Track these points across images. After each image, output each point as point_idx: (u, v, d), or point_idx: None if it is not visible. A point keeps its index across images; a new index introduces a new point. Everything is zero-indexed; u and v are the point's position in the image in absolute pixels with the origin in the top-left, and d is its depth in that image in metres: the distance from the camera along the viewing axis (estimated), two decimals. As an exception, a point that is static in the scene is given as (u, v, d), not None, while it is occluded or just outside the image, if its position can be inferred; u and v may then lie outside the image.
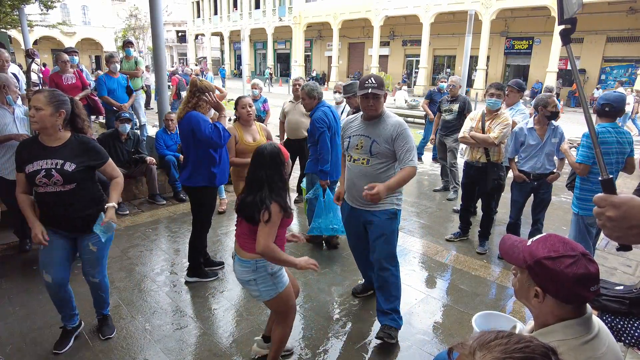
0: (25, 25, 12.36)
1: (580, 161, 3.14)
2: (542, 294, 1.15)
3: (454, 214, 5.31)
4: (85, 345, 2.75)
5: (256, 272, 2.24)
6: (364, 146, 2.76)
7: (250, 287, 2.30)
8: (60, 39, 34.99)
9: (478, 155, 4.16)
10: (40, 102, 2.34)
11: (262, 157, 2.23)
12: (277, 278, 2.29)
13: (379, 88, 2.65)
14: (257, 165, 2.24)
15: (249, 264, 2.24)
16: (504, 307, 3.39)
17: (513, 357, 0.79)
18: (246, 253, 2.25)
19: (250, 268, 2.24)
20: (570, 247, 1.14)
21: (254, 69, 38.73)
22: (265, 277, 2.25)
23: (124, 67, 7.27)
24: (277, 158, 2.23)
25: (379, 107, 2.72)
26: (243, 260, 2.26)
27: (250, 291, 2.36)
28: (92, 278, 2.72)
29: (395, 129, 2.69)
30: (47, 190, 2.42)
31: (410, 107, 15.82)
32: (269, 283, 2.26)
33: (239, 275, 2.32)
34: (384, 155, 2.73)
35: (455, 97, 5.80)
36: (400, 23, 27.03)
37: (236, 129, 3.76)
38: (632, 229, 0.91)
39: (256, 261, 2.23)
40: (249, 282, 2.28)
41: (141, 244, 4.34)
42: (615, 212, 0.92)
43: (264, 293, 2.28)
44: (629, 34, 19.23)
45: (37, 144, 2.44)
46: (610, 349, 1.13)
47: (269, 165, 2.21)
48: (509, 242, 1.30)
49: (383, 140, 2.70)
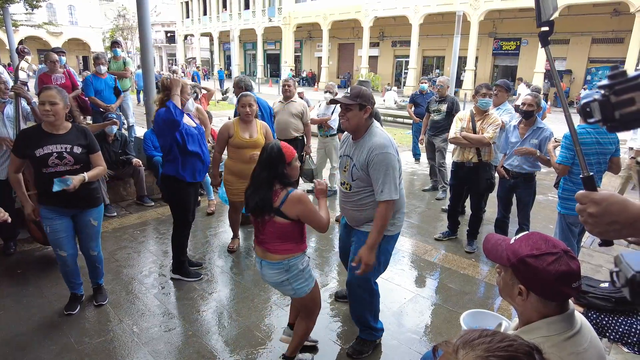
0: (10, 25, 12.16)
1: (560, 162, 3.18)
2: (525, 291, 1.17)
3: (443, 214, 5.35)
4: (71, 348, 2.71)
5: (289, 271, 2.27)
6: (347, 169, 2.55)
7: (285, 287, 2.33)
8: (47, 39, 34.49)
9: (470, 156, 4.16)
10: (55, 97, 2.68)
11: (262, 154, 2.26)
12: (308, 272, 2.36)
13: (351, 98, 2.38)
14: (259, 164, 2.27)
15: (281, 265, 2.26)
16: (492, 305, 3.42)
17: (496, 356, 0.79)
18: (275, 255, 2.26)
19: (282, 269, 2.27)
20: (552, 244, 1.16)
21: (243, 69, 38.59)
22: (298, 275, 2.29)
23: (113, 68, 7.18)
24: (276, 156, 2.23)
25: (352, 120, 2.41)
26: (273, 263, 2.27)
27: (284, 291, 2.41)
28: (92, 251, 3.09)
29: (370, 153, 2.38)
30: (57, 169, 2.74)
31: (400, 107, 15.91)
32: (302, 279, 2.31)
33: (271, 279, 2.33)
34: (363, 181, 2.47)
35: (444, 97, 5.84)
36: (389, 24, 27.17)
37: (234, 124, 3.82)
38: (612, 224, 0.93)
39: (288, 261, 2.26)
40: (282, 283, 2.30)
41: (129, 246, 4.29)
42: (596, 209, 0.94)
43: (299, 290, 2.32)
44: (613, 35, 19.58)
45: (42, 132, 2.75)
46: (592, 344, 1.15)
47: (267, 163, 2.23)
48: (492, 241, 1.31)
49: (360, 165, 2.44)
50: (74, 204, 2.87)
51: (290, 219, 2.21)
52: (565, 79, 21.66)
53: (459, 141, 4.14)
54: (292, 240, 2.28)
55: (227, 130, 3.80)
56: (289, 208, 2.18)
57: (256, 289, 3.56)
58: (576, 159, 3.11)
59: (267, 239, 2.27)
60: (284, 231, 2.23)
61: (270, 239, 2.26)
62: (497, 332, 0.86)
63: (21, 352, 2.67)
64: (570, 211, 3.26)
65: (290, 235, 2.26)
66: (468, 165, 4.20)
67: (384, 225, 2.42)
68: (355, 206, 2.57)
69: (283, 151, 2.24)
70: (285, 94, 5.35)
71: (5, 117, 3.59)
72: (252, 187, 2.27)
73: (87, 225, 2.98)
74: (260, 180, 2.22)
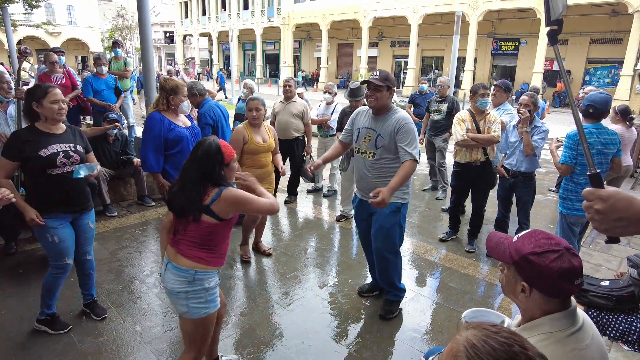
0: (9, 25, 12.13)
1: (562, 161, 3.20)
2: (528, 288, 1.18)
3: (443, 213, 5.37)
4: (74, 347, 2.72)
5: (192, 284, 1.99)
6: (371, 139, 2.89)
7: (179, 300, 2.01)
8: (45, 39, 34.42)
9: (478, 155, 4.16)
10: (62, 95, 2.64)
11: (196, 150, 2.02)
12: (212, 296, 2.06)
13: (381, 80, 2.76)
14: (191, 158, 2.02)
15: (187, 273, 1.98)
16: (492, 304, 3.44)
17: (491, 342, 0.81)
18: (186, 260, 1.99)
19: (186, 279, 1.98)
20: (555, 242, 1.17)
21: (242, 69, 38.58)
22: (199, 292, 2.01)
23: (113, 68, 7.19)
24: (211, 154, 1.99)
25: (380, 100, 2.80)
26: (179, 268, 1.99)
27: (177, 305, 2.07)
28: (88, 256, 2.98)
29: (398, 122, 2.79)
30: (65, 170, 2.65)
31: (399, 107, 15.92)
32: (202, 300, 2.02)
33: (169, 285, 2.03)
34: (388, 150, 2.84)
35: (444, 97, 5.85)
36: (388, 24, 27.20)
37: (245, 129, 3.73)
38: (619, 221, 0.94)
39: (195, 272, 1.98)
40: (178, 294, 2.00)
41: (130, 246, 4.30)
42: (603, 205, 0.95)
43: (193, 310, 2.01)
44: (611, 36, 19.64)
45: (40, 132, 2.61)
46: (594, 340, 1.16)
47: (200, 161, 1.98)
48: (495, 239, 1.32)
49: (387, 134, 2.82)
50: (76, 207, 2.77)
51: (220, 219, 1.98)
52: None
53: (468, 143, 4.10)
54: (209, 249, 2.03)
55: (241, 136, 3.69)
56: (221, 206, 1.95)
57: (258, 288, 3.58)
58: (578, 158, 3.13)
59: (184, 239, 2.02)
60: (206, 233, 2.00)
61: (188, 240, 2.01)
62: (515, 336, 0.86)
63: (24, 351, 2.67)
64: (571, 211, 3.27)
65: (208, 241, 2.02)
66: (475, 165, 4.19)
67: (406, 177, 2.77)
68: (378, 173, 2.91)
69: (222, 150, 2.00)
70: (285, 94, 5.36)
71: (8, 116, 3.61)
72: (179, 184, 2.02)
73: (86, 229, 2.88)
74: (189, 178, 1.98)
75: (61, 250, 2.72)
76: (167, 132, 3.31)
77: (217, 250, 2.08)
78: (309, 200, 5.96)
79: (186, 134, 3.42)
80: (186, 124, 3.50)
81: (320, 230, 4.92)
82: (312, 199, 6.02)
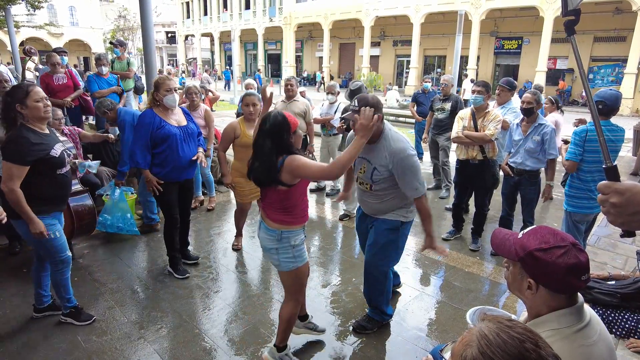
0: (12, 26, 12.17)
1: (568, 158, 3.18)
2: (535, 285, 1.17)
3: (447, 212, 5.35)
4: (79, 346, 2.72)
5: (280, 242, 2.31)
6: (366, 172, 2.66)
7: (272, 255, 2.37)
8: (48, 40, 34.51)
9: (474, 153, 4.18)
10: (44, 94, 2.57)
11: (265, 123, 2.22)
12: (299, 252, 2.36)
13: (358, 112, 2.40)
14: (261, 132, 2.23)
15: (275, 233, 2.30)
16: (497, 302, 3.43)
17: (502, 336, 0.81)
18: (272, 222, 2.31)
19: (274, 237, 2.31)
20: (560, 237, 1.16)
21: (244, 69, 38.60)
22: (287, 248, 2.32)
23: (116, 68, 7.19)
24: (280, 125, 2.19)
25: None
26: (269, 229, 2.32)
27: (271, 259, 2.42)
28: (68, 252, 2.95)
29: (393, 158, 2.52)
30: (67, 169, 2.69)
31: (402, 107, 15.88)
32: (290, 255, 2.33)
33: (263, 242, 2.39)
34: (385, 181, 2.62)
35: (448, 96, 5.84)
36: (390, 23, 27.14)
37: (239, 123, 3.79)
38: (635, 215, 0.93)
39: (282, 232, 2.30)
40: (271, 250, 2.35)
41: (133, 245, 4.30)
42: (619, 199, 0.94)
43: (283, 263, 2.34)
44: (615, 34, 19.54)
45: (40, 133, 2.55)
46: (601, 337, 1.15)
47: (271, 132, 2.19)
48: (500, 236, 1.31)
49: (382, 167, 2.58)
50: (64, 204, 2.87)
51: (288, 185, 2.20)
52: (567, 78, 21.63)
53: (462, 140, 4.18)
54: (290, 212, 2.30)
55: (232, 130, 3.78)
56: (285, 174, 2.17)
57: (261, 287, 3.58)
58: (585, 155, 3.12)
59: (268, 205, 2.33)
60: (283, 198, 2.26)
61: (270, 205, 2.31)
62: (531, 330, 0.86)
63: (29, 350, 2.68)
64: (576, 209, 3.25)
65: (288, 205, 2.28)
66: (473, 163, 4.21)
67: (429, 215, 2.67)
68: (376, 199, 2.73)
69: (288, 119, 2.23)
70: (287, 93, 5.35)
71: None
72: (257, 158, 2.24)
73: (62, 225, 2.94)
74: (265, 150, 2.19)
75: (61, 244, 2.75)
76: (156, 129, 3.35)
77: (296, 211, 2.33)
78: (312, 199, 5.95)
79: (175, 132, 3.42)
80: (180, 123, 3.51)
81: (323, 230, 4.91)
82: (315, 198, 6.01)
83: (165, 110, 3.45)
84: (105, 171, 4.92)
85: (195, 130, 3.64)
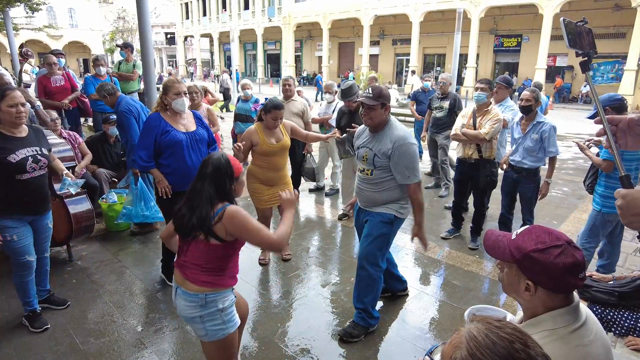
0: (11, 29, 12.17)
1: (606, 157, 3.17)
2: (533, 286, 1.15)
3: (446, 211, 5.34)
4: (76, 348, 2.72)
5: (204, 307, 1.92)
6: (368, 158, 2.78)
7: (196, 325, 1.96)
8: (47, 42, 34.58)
9: (470, 152, 4.18)
10: (23, 98, 2.54)
11: (206, 167, 1.94)
12: (228, 315, 1.98)
13: (373, 98, 2.63)
14: (200, 175, 1.95)
15: (197, 298, 1.91)
16: (496, 301, 3.41)
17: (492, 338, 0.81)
18: (193, 285, 1.91)
19: (197, 303, 1.91)
20: (555, 236, 1.14)
21: (244, 70, 38.60)
22: (214, 314, 1.94)
23: (122, 69, 7.17)
24: (224, 169, 1.94)
25: (375, 118, 2.70)
26: (189, 294, 1.92)
27: (195, 330, 2.03)
28: (46, 253, 3.04)
29: (394, 145, 2.66)
30: (33, 175, 2.62)
31: (401, 105, 15.87)
32: (219, 321, 1.95)
33: (182, 311, 1.97)
34: (384, 167, 2.74)
35: (446, 94, 5.83)
36: (389, 22, 27.12)
37: (257, 131, 3.58)
38: (636, 216, 1.06)
39: (205, 295, 1.91)
40: (194, 319, 1.95)
41: (132, 247, 4.30)
42: (621, 202, 1.08)
43: (212, 332, 1.95)
44: (615, 31, 19.49)
45: (5, 136, 2.53)
46: (597, 336, 1.14)
47: (212, 177, 1.92)
48: (492, 238, 1.27)
49: (382, 154, 2.71)
50: (38, 210, 2.80)
51: (222, 240, 1.88)
52: (567, 75, 21.59)
53: (459, 137, 4.20)
54: (216, 271, 1.94)
55: (249, 138, 3.57)
56: (220, 226, 1.85)
57: (260, 287, 3.57)
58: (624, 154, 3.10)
59: (188, 262, 1.94)
60: (210, 256, 1.91)
61: (192, 263, 1.93)
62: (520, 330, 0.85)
63: (26, 352, 2.67)
64: (612, 209, 3.23)
65: (215, 263, 1.93)
66: (469, 161, 4.22)
67: (421, 203, 2.76)
68: (375, 188, 2.80)
69: (232, 164, 1.97)
70: (285, 93, 5.34)
71: None
72: (189, 204, 1.92)
73: (45, 229, 2.94)
74: (202, 197, 1.88)
75: (21, 248, 2.72)
76: (161, 134, 3.14)
77: (226, 271, 1.99)
78: (311, 199, 5.94)
79: (182, 138, 3.19)
80: (188, 129, 3.28)
81: (322, 229, 4.90)
82: (314, 197, 6.01)
83: (173, 114, 3.23)
84: (104, 173, 4.92)
85: (204, 136, 3.36)
